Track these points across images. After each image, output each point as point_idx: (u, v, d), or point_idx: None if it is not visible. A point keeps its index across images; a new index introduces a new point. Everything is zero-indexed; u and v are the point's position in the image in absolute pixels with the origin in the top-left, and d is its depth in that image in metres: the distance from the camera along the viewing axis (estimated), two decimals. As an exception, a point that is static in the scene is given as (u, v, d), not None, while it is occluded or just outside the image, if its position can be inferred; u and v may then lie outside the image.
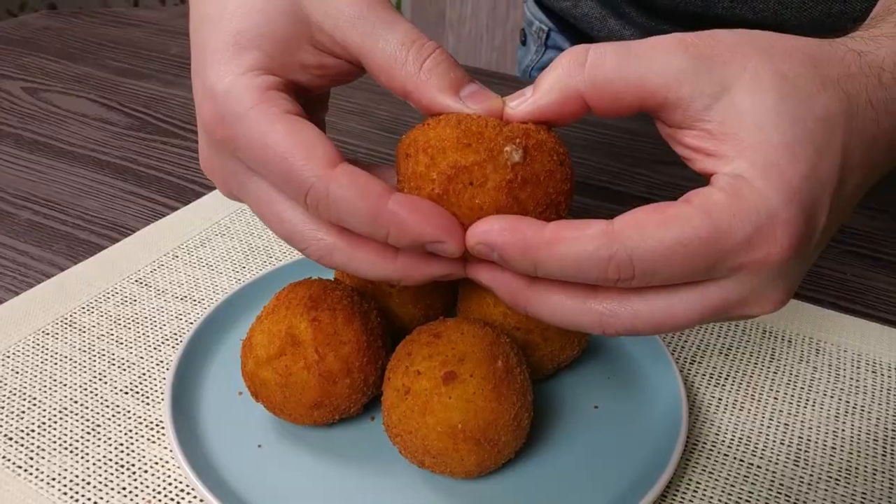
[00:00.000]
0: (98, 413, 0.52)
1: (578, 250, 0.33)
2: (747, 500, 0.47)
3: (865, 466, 0.50)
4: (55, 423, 0.51)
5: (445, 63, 0.38)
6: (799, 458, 0.50)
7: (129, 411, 0.52)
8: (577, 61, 0.36)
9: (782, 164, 0.33)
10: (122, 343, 0.58)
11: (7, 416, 0.52)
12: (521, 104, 0.38)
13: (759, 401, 0.55)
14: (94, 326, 0.60)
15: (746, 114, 0.34)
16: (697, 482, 0.48)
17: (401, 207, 0.35)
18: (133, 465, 0.49)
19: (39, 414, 0.52)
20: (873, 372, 0.57)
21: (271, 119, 0.37)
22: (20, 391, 0.54)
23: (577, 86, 0.36)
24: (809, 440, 0.52)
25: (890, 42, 0.38)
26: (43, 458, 0.49)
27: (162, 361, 0.57)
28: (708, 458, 0.50)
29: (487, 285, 0.39)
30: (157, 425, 0.51)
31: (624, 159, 0.88)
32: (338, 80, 0.42)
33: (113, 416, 0.52)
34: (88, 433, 0.51)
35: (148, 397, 0.54)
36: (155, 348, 0.58)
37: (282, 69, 0.39)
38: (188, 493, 0.47)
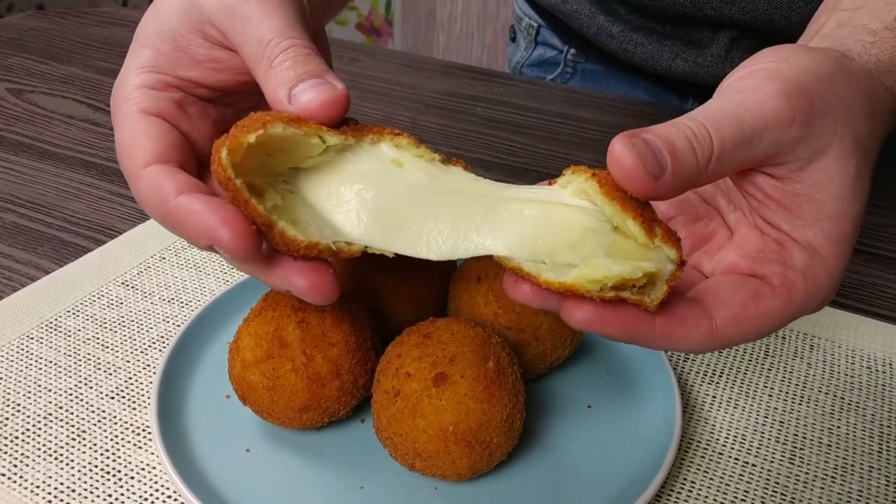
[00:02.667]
0: (83, 419, 0.51)
1: (682, 346, 0.36)
2: (742, 500, 0.47)
3: (861, 464, 0.49)
4: (39, 429, 0.50)
5: (292, 60, 0.37)
6: (794, 455, 0.50)
7: (115, 416, 0.52)
8: (705, 152, 0.34)
9: (849, 236, 0.36)
10: (108, 347, 0.57)
11: (-10, 422, 0.51)
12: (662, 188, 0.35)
13: (753, 398, 0.54)
14: (79, 330, 0.59)
15: (833, 182, 0.36)
16: (692, 482, 0.48)
17: (186, 202, 0.35)
18: (119, 471, 0.48)
19: (23, 420, 0.51)
20: (868, 368, 0.57)
21: (123, 116, 0.39)
22: (3, 397, 0.53)
23: (701, 177, 0.34)
24: (805, 438, 0.51)
25: None
26: (27, 465, 0.48)
27: (149, 365, 0.56)
28: (703, 456, 0.50)
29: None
30: (143, 430, 0.51)
31: (595, 151, 0.87)
32: (241, 75, 0.42)
33: (99, 421, 0.51)
34: (73, 439, 0.50)
35: (134, 402, 0.53)
36: (142, 352, 0.57)
37: (171, 66, 0.40)
38: (175, 500, 0.46)
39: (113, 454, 0.49)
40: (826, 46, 0.41)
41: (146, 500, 0.46)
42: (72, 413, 0.52)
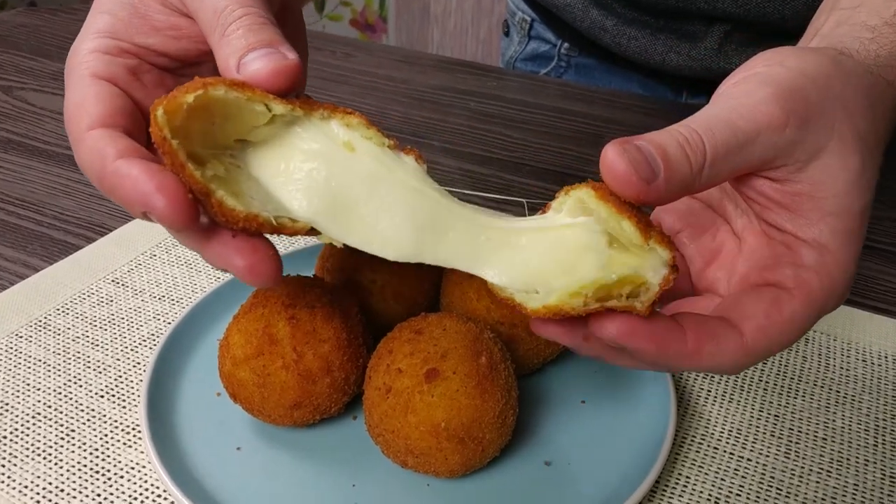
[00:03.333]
0: (72, 418, 0.51)
1: (714, 364, 0.35)
2: (738, 494, 0.46)
3: (857, 457, 0.49)
4: (28, 428, 0.50)
5: (245, 29, 0.36)
6: (790, 450, 0.49)
7: (104, 415, 0.51)
8: (698, 158, 0.34)
9: (856, 229, 0.36)
10: (97, 345, 0.57)
11: (-22, 422, 0.50)
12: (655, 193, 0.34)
13: (748, 392, 0.54)
14: (69, 328, 0.58)
15: (835, 179, 0.36)
16: (687, 476, 0.47)
17: (123, 166, 0.33)
18: (109, 470, 0.47)
19: (11, 420, 0.50)
20: (863, 361, 0.57)
21: (74, 80, 0.38)
22: (-8, 396, 0.52)
23: (695, 183, 0.34)
24: (800, 431, 0.51)
25: None
26: (15, 465, 0.47)
27: (139, 363, 0.55)
28: (697, 451, 0.49)
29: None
30: (133, 429, 0.50)
31: (589, 145, 0.87)
32: (200, 44, 0.40)
33: (88, 420, 0.51)
34: (62, 438, 0.49)
35: (124, 400, 0.52)
36: (132, 350, 0.57)
37: (128, 32, 0.39)
38: (165, 499, 0.45)
39: (102, 453, 0.48)
40: (825, 46, 0.41)
41: (136, 499, 0.45)
42: (61, 412, 0.51)
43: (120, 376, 0.54)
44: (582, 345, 0.37)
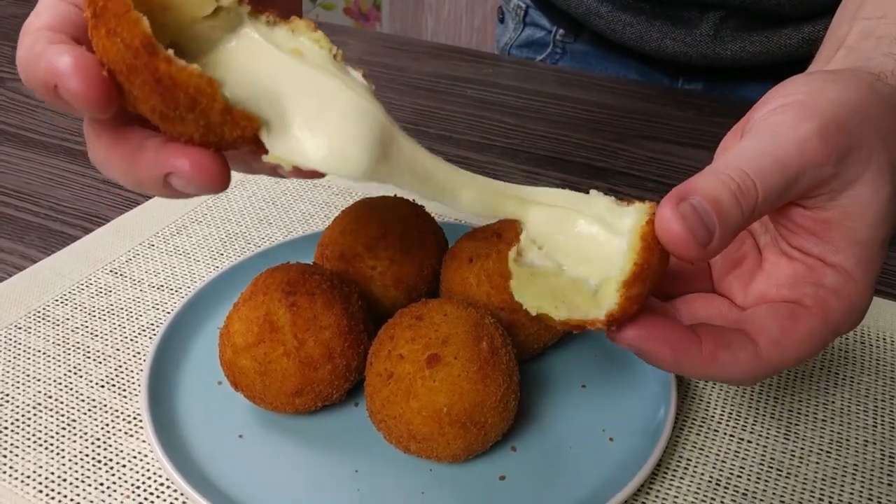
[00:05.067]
0: (74, 408, 0.51)
1: (728, 373, 0.36)
2: (738, 476, 0.47)
3: (857, 438, 0.49)
4: (29, 419, 0.50)
5: None
6: (790, 431, 0.50)
7: (105, 405, 0.51)
8: (750, 205, 0.34)
9: (878, 260, 0.37)
10: (97, 335, 0.57)
11: (-21, 413, 0.50)
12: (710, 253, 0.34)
13: (748, 375, 0.54)
14: (68, 319, 0.58)
15: (866, 209, 0.36)
16: (688, 459, 0.48)
17: (48, 48, 0.30)
18: (111, 459, 0.47)
19: (12, 410, 0.50)
20: (861, 343, 0.57)
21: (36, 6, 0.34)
22: (-8, 387, 0.52)
23: (746, 226, 0.35)
24: (800, 413, 0.51)
25: None
26: (17, 455, 0.47)
27: (139, 353, 0.55)
28: (698, 434, 0.49)
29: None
30: (135, 418, 0.50)
31: (605, 135, 0.87)
32: None
33: (89, 410, 0.51)
34: (64, 429, 0.49)
35: (125, 390, 0.52)
36: (132, 339, 0.57)
37: None
38: (168, 487, 0.46)
39: (104, 443, 0.48)
40: (853, 61, 0.41)
41: (138, 487, 0.45)
42: (62, 402, 0.51)
43: (120, 366, 0.54)
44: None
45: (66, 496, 0.45)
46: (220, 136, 0.31)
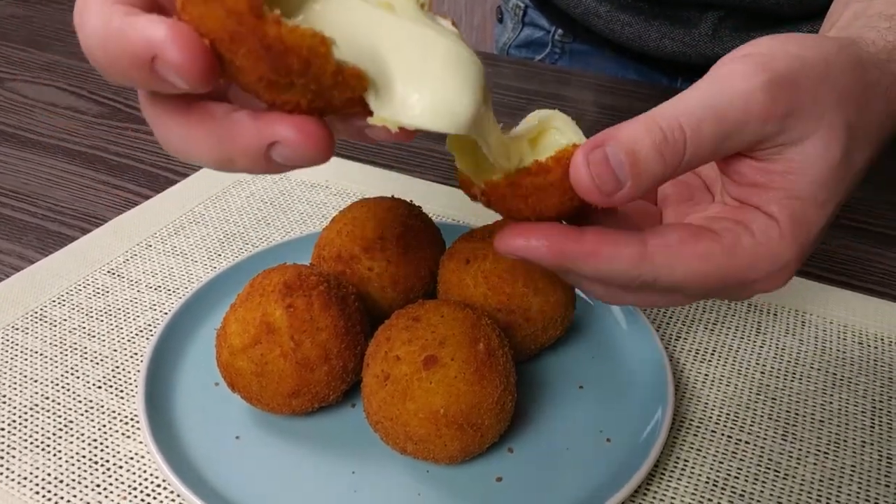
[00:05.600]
0: (70, 409, 0.51)
1: (612, 267, 0.35)
2: (736, 477, 0.47)
3: (854, 439, 0.49)
4: (26, 420, 0.50)
5: None
6: (787, 432, 0.50)
7: (102, 406, 0.51)
8: (675, 156, 0.33)
9: (814, 221, 0.36)
10: (94, 336, 0.57)
11: (-24, 414, 0.50)
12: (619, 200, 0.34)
13: (745, 375, 0.54)
14: (65, 320, 0.58)
15: (811, 166, 0.35)
16: (685, 460, 0.48)
17: (130, 19, 0.28)
18: (107, 461, 0.47)
19: (9, 411, 0.50)
20: (860, 343, 0.57)
21: None
22: (-11, 389, 0.52)
23: (667, 178, 0.34)
24: (797, 414, 0.51)
25: None
26: (14, 456, 0.47)
27: (136, 354, 0.55)
28: (695, 435, 0.49)
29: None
30: (131, 420, 0.50)
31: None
32: None
33: (86, 411, 0.51)
34: (61, 430, 0.49)
35: (122, 391, 0.52)
36: (129, 340, 0.57)
37: None
38: (164, 489, 0.46)
39: (101, 444, 0.48)
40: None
41: (135, 489, 0.45)
42: (58, 403, 0.51)
43: (117, 367, 0.54)
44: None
45: (62, 498, 0.45)
46: (328, 101, 0.29)
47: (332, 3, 0.30)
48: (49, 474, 0.46)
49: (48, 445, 0.48)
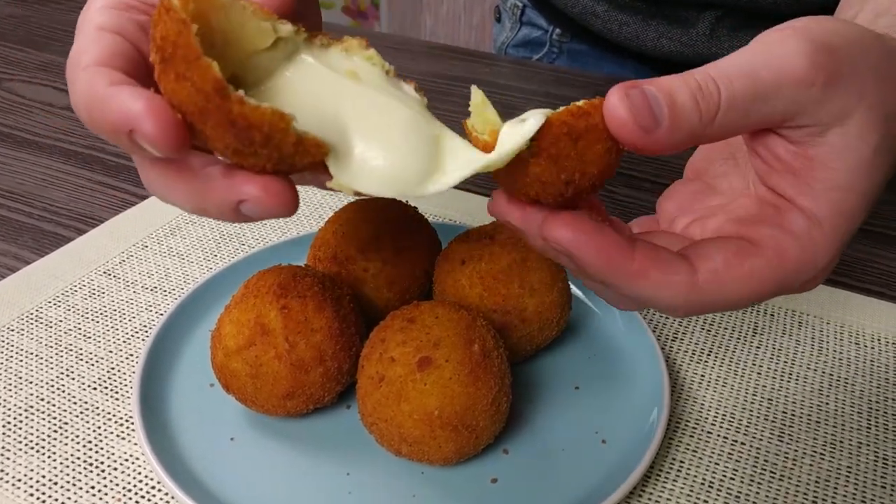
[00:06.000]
0: (65, 410, 0.51)
1: (659, 294, 0.33)
2: (731, 478, 0.46)
3: (850, 440, 0.49)
4: (21, 422, 0.50)
5: None
6: (783, 433, 0.49)
7: (97, 407, 0.51)
8: (710, 108, 0.32)
9: (856, 212, 0.34)
10: (90, 337, 0.57)
11: (-29, 416, 0.50)
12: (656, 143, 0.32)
13: (742, 376, 0.54)
14: (61, 321, 0.58)
15: (852, 151, 0.33)
16: (681, 461, 0.48)
17: (113, 90, 0.31)
18: (102, 462, 0.47)
19: (4, 413, 0.50)
20: (856, 344, 0.57)
21: (81, 34, 0.36)
22: (-16, 390, 0.52)
23: (705, 133, 0.32)
24: (794, 415, 0.51)
25: None
26: (8, 458, 0.47)
27: (132, 355, 0.55)
28: (692, 436, 0.49)
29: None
30: (126, 421, 0.50)
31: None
32: None
33: (81, 412, 0.50)
34: (55, 431, 0.49)
35: (117, 392, 0.52)
36: (124, 341, 0.56)
37: None
38: (159, 490, 0.45)
39: (95, 445, 0.48)
40: None
41: (129, 490, 0.45)
42: (53, 405, 0.51)
43: (112, 368, 0.54)
44: (536, 236, 0.35)
45: (56, 500, 0.45)
46: (291, 165, 0.31)
47: (301, 71, 0.34)
48: (44, 476, 0.46)
49: (43, 447, 0.48)
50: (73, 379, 0.53)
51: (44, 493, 0.45)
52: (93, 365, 0.54)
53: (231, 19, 0.32)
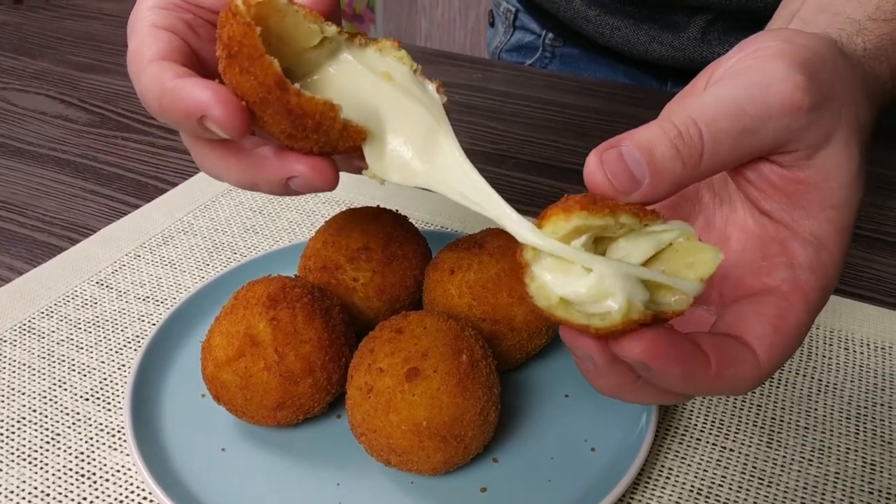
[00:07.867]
0: (58, 421, 0.51)
1: (734, 389, 0.34)
2: (720, 485, 0.47)
3: (839, 446, 0.49)
4: (13, 433, 0.50)
5: None
6: (772, 439, 0.50)
7: (89, 418, 0.51)
8: (693, 154, 0.32)
9: (851, 224, 0.35)
10: (82, 348, 0.57)
11: (-37, 428, 0.50)
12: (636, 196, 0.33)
13: (731, 383, 0.54)
14: (53, 331, 0.58)
15: (841, 169, 0.34)
16: (670, 468, 0.48)
17: (181, 82, 0.35)
18: (94, 473, 0.47)
19: (-4, 425, 0.51)
20: (845, 349, 0.57)
21: (135, 31, 0.39)
22: (-24, 402, 0.52)
23: (693, 176, 0.33)
24: (782, 421, 0.51)
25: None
26: (1, 470, 0.47)
27: (124, 365, 0.55)
28: (680, 443, 0.49)
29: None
30: (118, 432, 0.50)
31: (594, 139, 0.87)
32: None
33: (73, 423, 0.51)
34: (47, 442, 0.49)
35: (109, 403, 0.52)
36: (116, 352, 0.57)
37: None
38: (151, 502, 0.46)
39: (87, 457, 0.48)
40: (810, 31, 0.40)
41: (121, 502, 0.46)
42: (46, 416, 0.51)
43: (105, 379, 0.54)
44: (606, 365, 0.34)
45: (48, 512, 0.45)
46: (334, 147, 0.37)
47: (343, 70, 0.38)
48: (35, 488, 0.46)
49: (35, 459, 0.48)
50: (66, 390, 0.53)
51: (35, 506, 0.45)
52: (85, 376, 0.54)
53: (285, 21, 0.36)
